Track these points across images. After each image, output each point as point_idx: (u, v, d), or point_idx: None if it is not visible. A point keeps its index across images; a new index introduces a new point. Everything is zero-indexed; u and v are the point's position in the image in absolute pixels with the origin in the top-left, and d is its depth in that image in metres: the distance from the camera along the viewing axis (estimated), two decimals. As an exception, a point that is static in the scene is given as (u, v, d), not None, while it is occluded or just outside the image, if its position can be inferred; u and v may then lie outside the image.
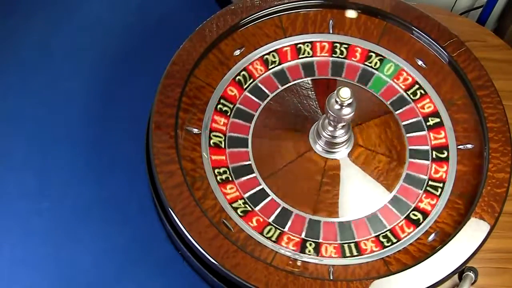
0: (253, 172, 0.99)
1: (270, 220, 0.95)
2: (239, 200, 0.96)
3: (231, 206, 0.95)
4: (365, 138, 1.02)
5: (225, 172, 0.98)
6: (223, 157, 0.99)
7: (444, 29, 1.07)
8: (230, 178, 0.98)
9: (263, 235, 0.93)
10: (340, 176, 0.99)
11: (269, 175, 0.98)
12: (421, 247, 0.93)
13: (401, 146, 1.01)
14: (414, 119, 1.04)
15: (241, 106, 1.04)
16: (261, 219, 0.95)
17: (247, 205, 0.96)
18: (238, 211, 0.95)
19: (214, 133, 1.01)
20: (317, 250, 0.93)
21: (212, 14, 1.07)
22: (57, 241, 1.31)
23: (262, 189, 0.97)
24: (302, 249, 0.93)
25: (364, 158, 1.01)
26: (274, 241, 0.93)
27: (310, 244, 0.93)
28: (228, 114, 1.03)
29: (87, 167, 1.39)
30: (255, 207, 0.96)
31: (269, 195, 0.97)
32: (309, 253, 0.92)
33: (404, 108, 1.05)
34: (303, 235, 0.94)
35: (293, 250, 0.92)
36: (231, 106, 1.03)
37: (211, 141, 1.00)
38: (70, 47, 1.54)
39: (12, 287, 1.27)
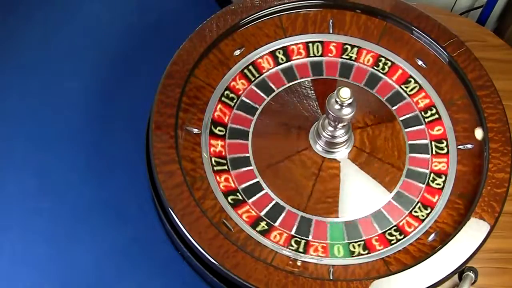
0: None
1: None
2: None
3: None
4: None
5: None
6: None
7: (444, 29, 1.07)
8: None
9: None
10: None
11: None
12: (421, 247, 0.93)
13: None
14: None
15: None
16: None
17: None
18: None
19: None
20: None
21: (212, 14, 1.07)
22: (57, 241, 1.31)
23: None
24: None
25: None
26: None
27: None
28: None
29: (87, 167, 1.39)
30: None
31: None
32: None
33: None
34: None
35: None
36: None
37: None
38: (70, 47, 1.54)
39: (12, 287, 1.27)
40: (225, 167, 0.98)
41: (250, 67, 1.07)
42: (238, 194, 0.96)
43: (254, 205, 0.96)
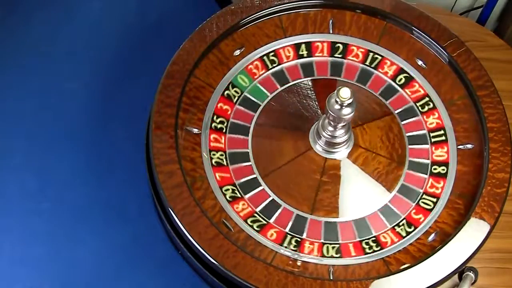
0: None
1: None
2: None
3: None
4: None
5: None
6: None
7: (444, 29, 1.07)
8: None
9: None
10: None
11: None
12: (421, 247, 0.93)
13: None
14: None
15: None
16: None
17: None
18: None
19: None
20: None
21: (212, 14, 1.07)
22: (57, 241, 1.31)
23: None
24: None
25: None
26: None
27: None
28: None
29: (87, 167, 1.39)
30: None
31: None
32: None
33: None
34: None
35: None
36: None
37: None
38: (70, 47, 1.54)
39: (12, 287, 1.27)
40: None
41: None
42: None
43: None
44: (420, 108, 1.05)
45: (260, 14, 1.08)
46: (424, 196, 0.98)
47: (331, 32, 1.10)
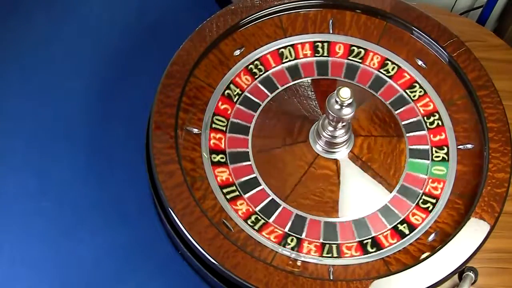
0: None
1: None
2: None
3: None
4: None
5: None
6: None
7: (444, 29, 1.07)
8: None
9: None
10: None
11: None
12: (421, 247, 0.93)
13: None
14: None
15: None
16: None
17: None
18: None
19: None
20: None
21: (212, 14, 1.07)
22: (57, 241, 1.31)
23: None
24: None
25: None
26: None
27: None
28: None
29: (87, 167, 1.39)
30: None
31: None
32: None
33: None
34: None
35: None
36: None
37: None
38: (70, 47, 1.54)
39: (12, 287, 1.27)
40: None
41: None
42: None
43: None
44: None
45: (260, 14, 1.08)
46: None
47: (331, 32, 1.10)
